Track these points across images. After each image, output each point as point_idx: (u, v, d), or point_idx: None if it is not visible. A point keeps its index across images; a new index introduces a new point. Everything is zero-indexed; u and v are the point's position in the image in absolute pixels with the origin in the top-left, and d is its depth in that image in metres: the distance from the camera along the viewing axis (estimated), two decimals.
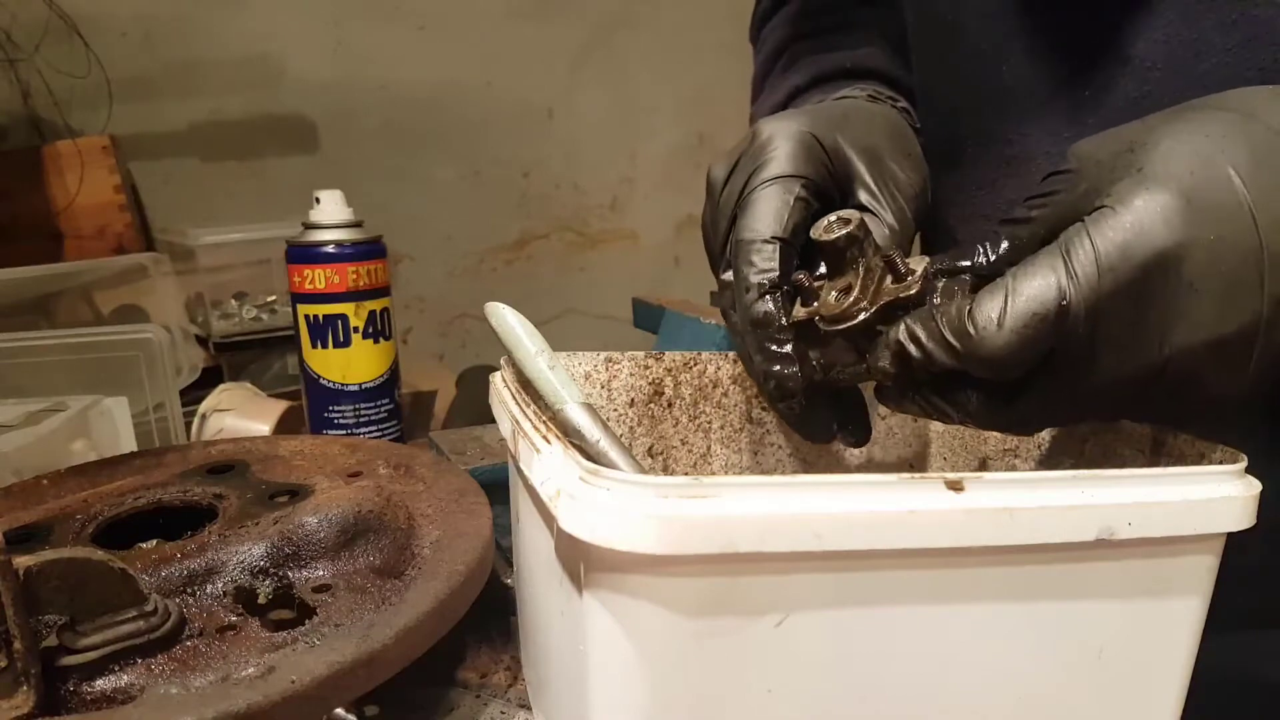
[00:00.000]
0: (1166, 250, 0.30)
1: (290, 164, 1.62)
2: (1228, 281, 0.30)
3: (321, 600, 0.43)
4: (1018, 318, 0.32)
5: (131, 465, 0.59)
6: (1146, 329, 0.31)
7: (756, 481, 0.29)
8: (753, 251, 0.41)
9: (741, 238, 0.41)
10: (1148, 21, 0.43)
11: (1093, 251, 0.31)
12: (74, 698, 0.37)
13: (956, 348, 0.33)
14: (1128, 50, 0.43)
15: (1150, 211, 0.31)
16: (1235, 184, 0.31)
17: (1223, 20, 0.41)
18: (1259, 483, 0.32)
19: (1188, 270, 0.30)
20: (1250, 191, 0.31)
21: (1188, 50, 0.42)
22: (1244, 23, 0.40)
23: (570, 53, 1.81)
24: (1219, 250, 0.30)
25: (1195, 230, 0.30)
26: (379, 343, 0.79)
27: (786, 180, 0.42)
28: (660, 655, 0.31)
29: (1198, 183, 0.31)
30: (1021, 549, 0.31)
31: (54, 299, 1.05)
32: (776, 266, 0.40)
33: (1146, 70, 0.43)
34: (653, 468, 0.51)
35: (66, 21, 1.41)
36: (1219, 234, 0.30)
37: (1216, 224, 0.31)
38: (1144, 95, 0.43)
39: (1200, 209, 0.31)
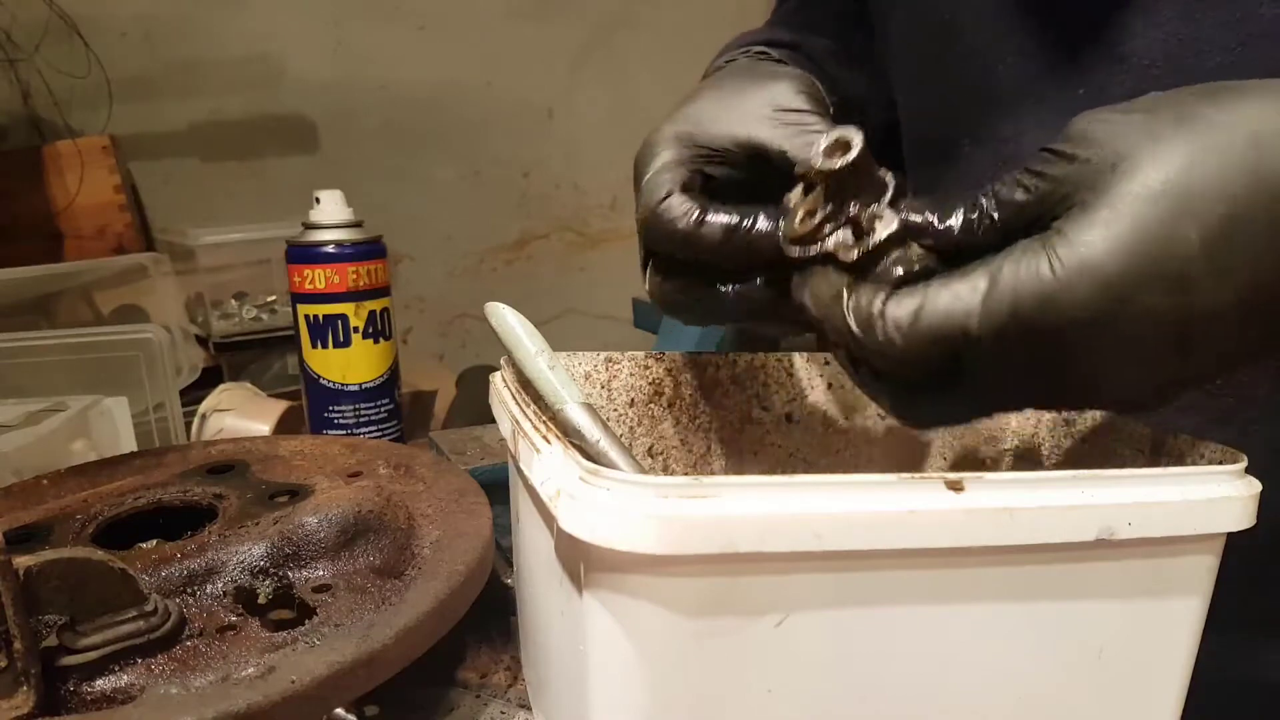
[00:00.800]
0: (1082, 321, 0.28)
1: (290, 164, 1.62)
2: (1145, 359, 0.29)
3: (321, 600, 0.43)
4: (920, 331, 0.30)
5: (131, 465, 0.59)
6: (1051, 374, 0.30)
7: (756, 481, 0.29)
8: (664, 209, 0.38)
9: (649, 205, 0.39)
10: (1146, 20, 0.43)
11: (1012, 290, 0.29)
12: (74, 698, 0.37)
13: (857, 335, 0.32)
14: (1126, 49, 0.43)
15: (1089, 268, 0.28)
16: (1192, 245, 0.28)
17: (1224, 19, 0.41)
18: (1259, 483, 0.32)
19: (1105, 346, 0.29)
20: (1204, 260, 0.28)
21: (1188, 49, 0.42)
22: (1246, 21, 0.40)
23: (570, 53, 1.82)
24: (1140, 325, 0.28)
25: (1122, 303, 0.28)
26: (379, 343, 0.79)
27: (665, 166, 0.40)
28: (660, 655, 0.31)
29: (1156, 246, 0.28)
30: (1021, 549, 0.31)
31: (54, 299, 1.05)
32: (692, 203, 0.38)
33: (1145, 69, 0.43)
34: (653, 468, 0.51)
35: (66, 21, 1.41)
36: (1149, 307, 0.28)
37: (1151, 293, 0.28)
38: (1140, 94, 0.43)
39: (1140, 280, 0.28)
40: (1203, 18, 0.41)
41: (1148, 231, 0.28)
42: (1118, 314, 0.28)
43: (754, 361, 0.52)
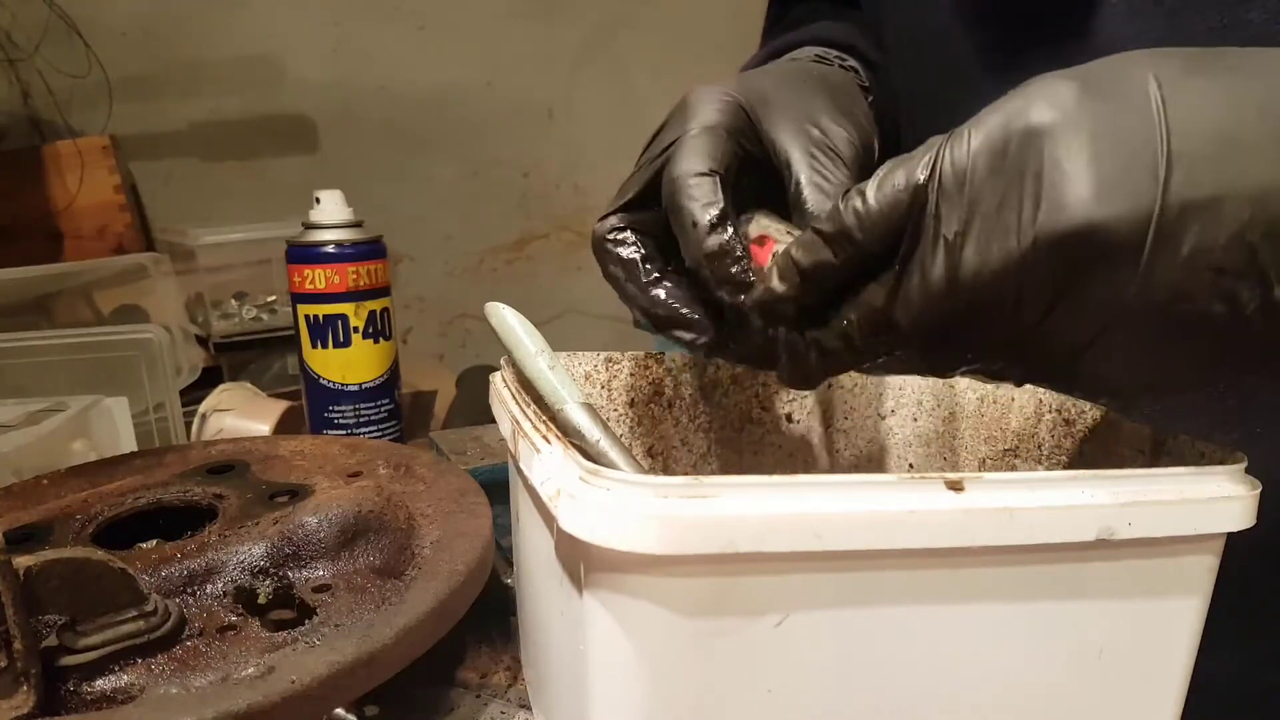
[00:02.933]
0: (1041, 126, 0.28)
1: (290, 164, 1.62)
2: (1107, 165, 0.27)
3: (321, 600, 0.43)
4: (881, 190, 0.30)
5: (131, 465, 0.59)
6: (1013, 209, 0.28)
7: (756, 481, 0.29)
8: (691, 185, 0.38)
9: (675, 174, 0.39)
10: (1133, 26, 0.43)
11: (968, 131, 0.29)
12: (74, 698, 0.37)
13: (826, 230, 0.31)
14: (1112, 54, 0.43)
15: (1039, 93, 0.29)
16: (1149, 84, 0.28)
17: (1211, 26, 0.40)
18: (1259, 482, 0.32)
19: (1060, 147, 0.28)
20: (1166, 93, 0.28)
21: None
22: (1232, 29, 0.40)
23: (570, 53, 1.82)
24: (1103, 134, 0.28)
25: (1080, 112, 0.28)
26: (379, 343, 0.79)
27: (713, 128, 0.40)
28: (660, 655, 0.31)
29: (1105, 77, 0.29)
30: (1021, 549, 0.31)
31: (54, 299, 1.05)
32: (720, 198, 0.38)
33: None
34: (653, 468, 0.51)
35: (66, 21, 1.41)
36: (1108, 119, 0.28)
37: (1108, 109, 0.28)
38: None
39: (1094, 95, 0.28)
40: (1188, 25, 0.41)
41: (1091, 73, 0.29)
42: (1076, 119, 0.28)
43: None
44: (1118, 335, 0.29)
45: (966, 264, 0.29)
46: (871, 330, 0.32)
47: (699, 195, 0.38)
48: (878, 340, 0.32)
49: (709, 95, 0.42)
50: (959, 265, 0.29)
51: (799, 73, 0.47)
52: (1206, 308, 0.28)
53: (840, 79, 0.49)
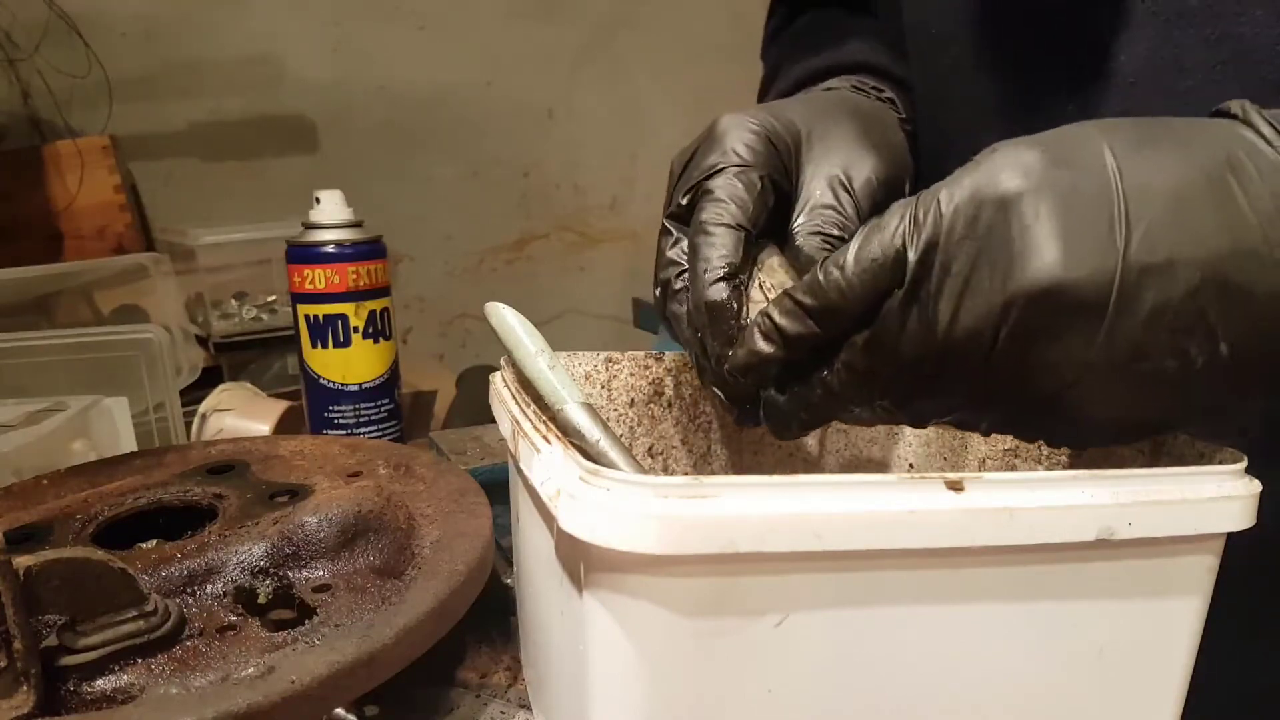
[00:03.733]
0: (1009, 193, 0.30)
1: (290, 164, 1.62)
2: (1072, 230, 0.29)
3: (321, 600, 0.43)
4: (859, 261, 0.32)
5: (131, 465, 0.59)
6: (985, 272, 0.30)
7: (756, 481, 0.29)
8: (717, 235, 0.40)
9: (706, 219, 0.40)
10: (1130, 37, 0.43)
11: (937, 196, 0.31)
12: (74, 698, 0.37)
13: (808, 303, 0.33)
14: (1111, 65, 0.43)
15: (1005, 161, 0.31)
16: (1105, 153, 0.30)
17: (1204, 38, 0.41)
18: (1259, 482, 0.32)
19: (1028, 213, 0.30)
20: (1122, 162, 0.30)
21: (1169, 67, 0.42)
22: (1226, 41, 0.40)
23: (570, 53, 1.82)
24: (1067, 200, 0.30)
25: (1045, 178, 0.30)
26: (379, 343, 0.79)
27: (748, 170, 0.41)
28: (660, 655, 0.31)
29: (1065, 145, 0.31)
30: (1021, 549, 0.31)
31: (54, 299, 1.05)
32: (739, 255, 0.40)
33: (1130, 86, 0.43)
34: (653, 468, 0.51)
35: (66, 21, 1.41)
36: (1071, 185, 0.30)
37: (1070, 176, 0.30)
38: (1127, 111, 0.43)
39: (1057, 162, 0.30)
40: (1182, 37, 0.41)
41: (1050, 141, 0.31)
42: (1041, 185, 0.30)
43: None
44: (1082, 389, 0.31)
45: (942, 321, 0.31)
46: (852, 385, 0.34)
47: (719, 246, 0.39)
48: (858, 393, 0.34)
49: (740, 124, 0.43)
50: (935, 323, 0.31)
51: (834, 104, 0.48)
52: (1161, 364, 0.30)
53: (875, 111, 0.50)
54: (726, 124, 0.43)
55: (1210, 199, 0.30)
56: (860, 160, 0.43)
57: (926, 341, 0.31)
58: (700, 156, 0.42)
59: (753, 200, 0.40)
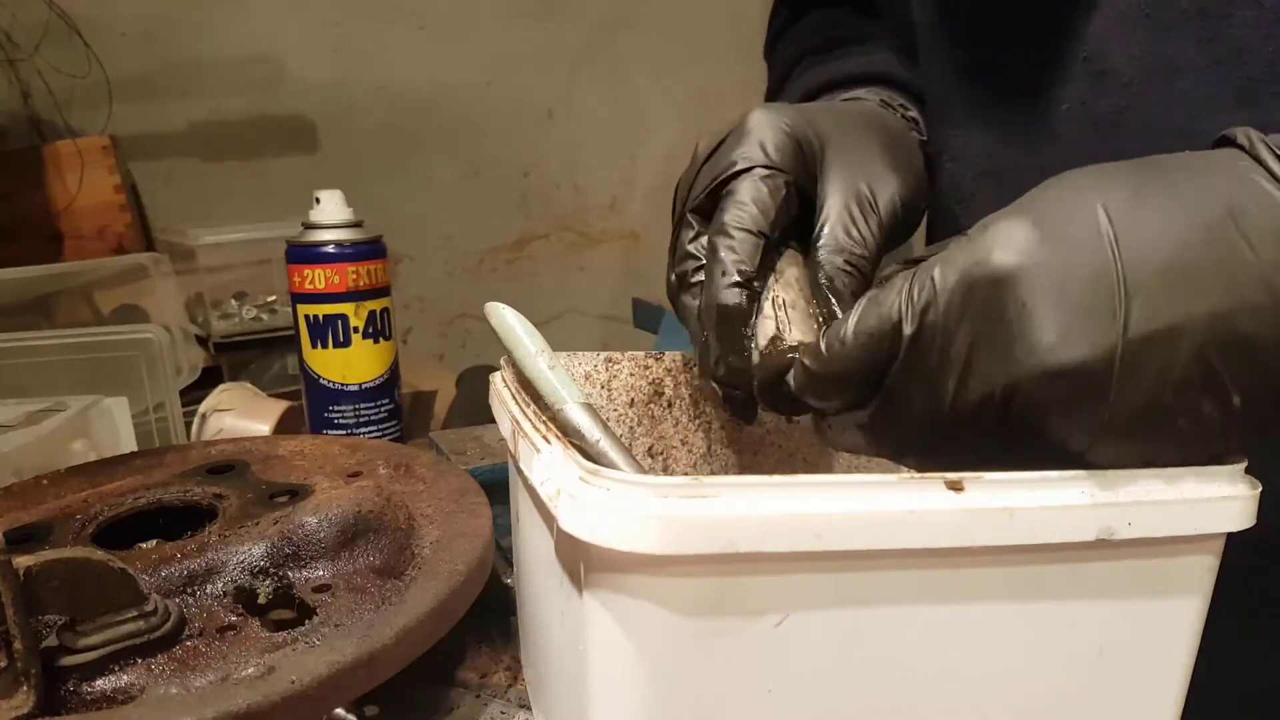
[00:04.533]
0: (1003, 272, 0.30)
1: (290, 164, 1.62)
2: (1070, 308, 0.29)
3: (321, 600, 0.43)
4: (857, 335, 0.33)
5: (131, 465, 0.59)
6: (985, 353, 0.30)
7: (756, 481, 0.29)
8: (736, 240, 0.40)
9: (728, 221, 0.40)
10: (1124, 38, 0.43)
11: (931, 273, 0.31)
12: (74, 698, 0.37)
13: (814, 369, 0.34)
14: (1105, 66, 0.44)
15: (998, 236, 0.30)
16: (1099, 217, 0.30)
17: (1198, 38, 0.41)
18: (1259, 482, 0.32)
19: (1024, 292, 0.30)
20: (1117, 226, 0.30)
21: (1163, 67, 0.42)
22: (1220, 40, 0.40)
23: (570, 53, 1.82)
24: (1063, 277, 0.29)
25: (1039, 255, 0.30)
26: (379, 343, 0.79)
27: (774, 173, 0.41)
28: (660, 655, 0.31)
29: (1057, 213, 0.30)
30: (1021, 549, 0.31)
31: (54, 299, 1.05)
32: (756, 261, 0.40)
33: (1124, 86, 0.43)
34: (653, 468, 0.51)
35: (66, 21, 1.41)
36: (1066, 261, 0.30)
37: (1065, 251, 0.30)
38: (1122, 110, 0.43)
39: (1051, 236, 0.30)
40: (1175, 37, 0.41)
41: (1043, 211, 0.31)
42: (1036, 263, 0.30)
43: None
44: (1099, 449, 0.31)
45: (947, 397, 0.31)
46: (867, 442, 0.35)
47: (737, 250, 0.40)
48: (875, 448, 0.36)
49: (772, 124, 0.42)
50: (941, 398, 0.31)
51: (863, 117, 0.48)
52: (1174, 422, 0.30)
53: (900, 131, 0.50)
54: (758, 120, 0.42)
55: (1211, 254, 0.29)
56: (884, 179, 0.43)
57: (935, 412, 0.32)
58: (728, 149, 0.42)
59: (775, 206, 0.40)
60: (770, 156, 0.41)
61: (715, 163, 0.42)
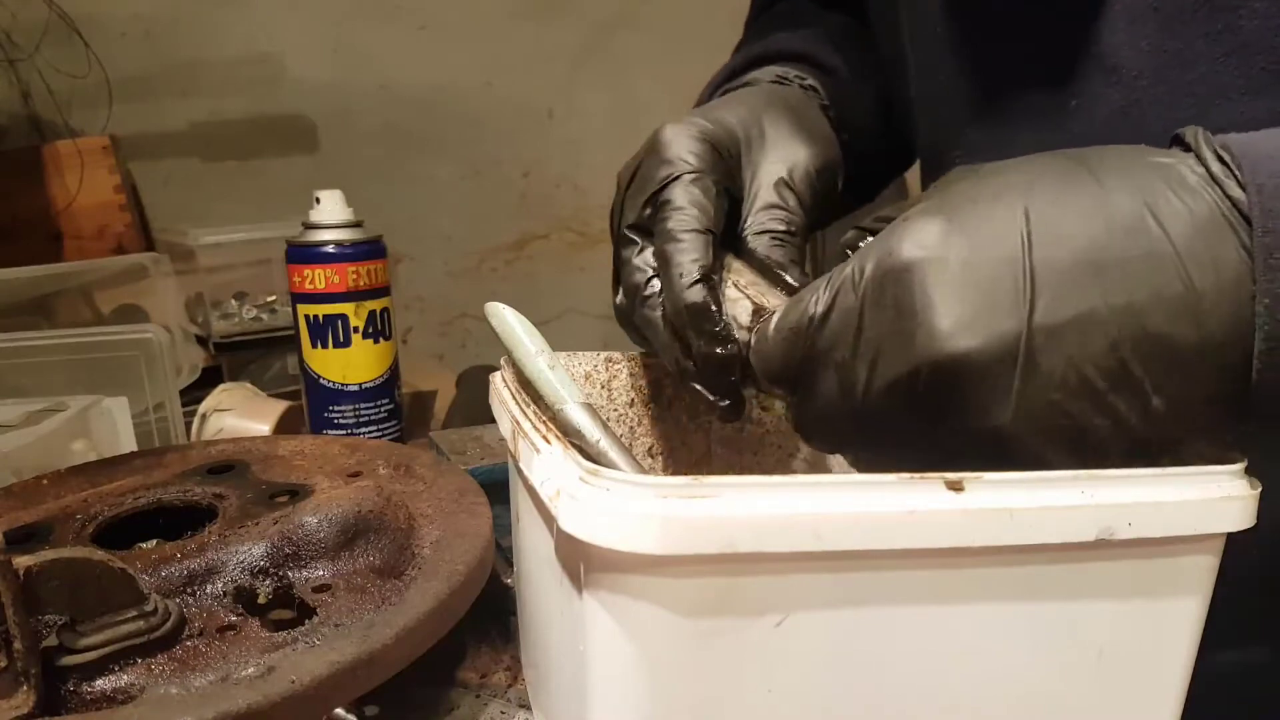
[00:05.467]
0: (908, 262, 0.31)
1: (290, 164, 1.62)
2: (971, 298, 0.30)
3: (321, 600, 0.43)
4: (778, 330, 0.35)
5: (131, 465, 0.59)
6: (891, 341, 0.31)
7: (756, 481, 0.29)
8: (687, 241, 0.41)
9: (673, 227, 0.41)
10: (1133, 32, 0.43)
11: (848, 267, 0.33)
12: (74, 698, 0.37)
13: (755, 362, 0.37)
14: (1113, 60, 0.43)
15: (910, 230, 0.31)
16: (1017, 217, 0.30)
17: (1208, 30, 0.41)
18: (1259, 483, 0.32)
19: (929, 282, 0.30)
20: (1034, 225, 0.30)
21: (1173, 60, 0.42)
22: (1230, 33, 0.40)
23: (570, 53, 1.81)
24: (970, 268, 0.30)
25: (947, 248, 0.31)
26: (379, 343, 0.79)
27: (702, 176, 0.42)
28: (660, 655, 0.31)
29: (973, 210, 0.31)
30: (1021, 549, 0.31)
31: (54, 299, 1.05)
32: (710, 257, 0.41)
33: (1133, 79, 0.43)
34: (653, 468, 0.51)
35: (66, 21, 1.41)
36: (974, 254, 0.30)
37: (975, 245, 0.30)
38: (1130, 104, 0.43)
39: (963, 230, 0.31)
40: (1185, 30, 0.41)
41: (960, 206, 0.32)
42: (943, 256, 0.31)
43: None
44: (1012, 445, 0.31)
45: (859, 385, 0.32)
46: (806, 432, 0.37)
47: (690, 251, 0.40)
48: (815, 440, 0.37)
49: (684, 133, 0.44)
50: (854, 386, 0.33)
51: (765, 101, 0.49)
52: (1088, 421, 0.31)
53: (801, 101, 0.52)
54: (670, 134, 0.44)
55: (1129, 248, 0.30)
56: (797, 154, 0.45)
57: (851, 400, 0.33)
58: (649, 168, 0.43)
59: (713, 205, 0.42)
60: (691, 163, 0.42)
61: (643, 180, 0.43)
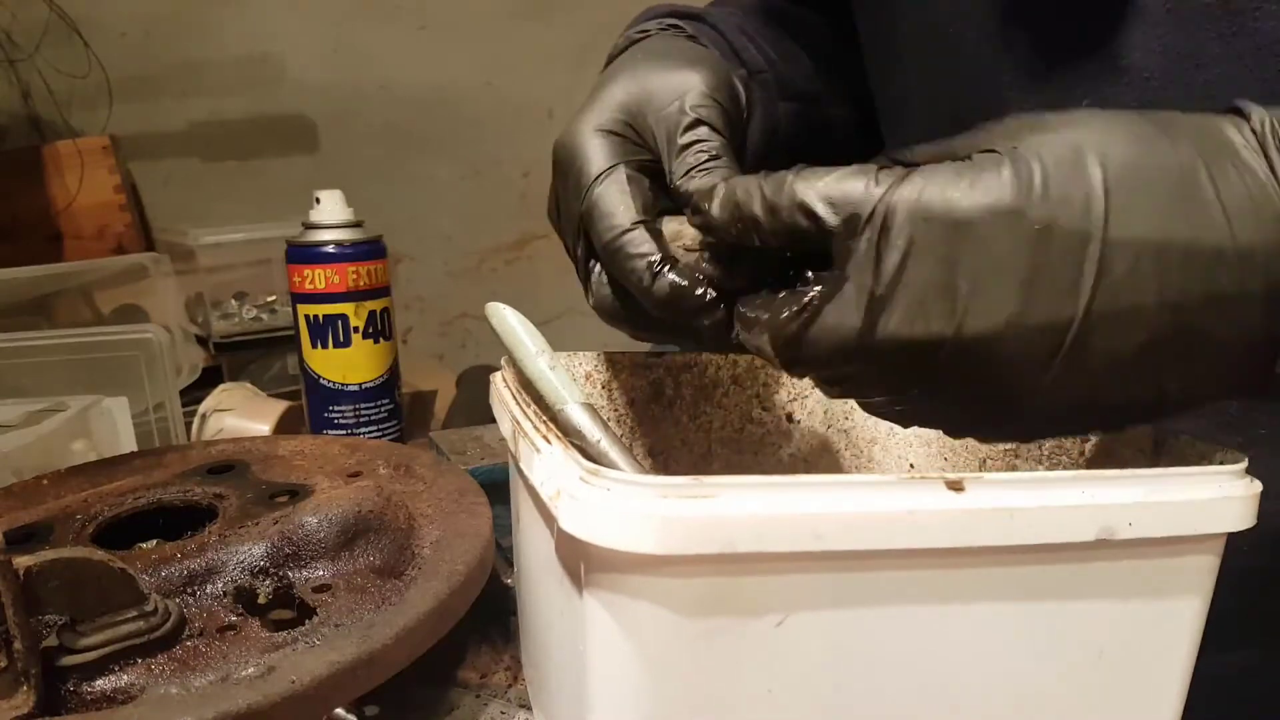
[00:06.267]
0: (976, 219, 0.28)
1: (290, 164, 1.62)
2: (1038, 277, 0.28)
3: (321, 600, 0.43)
4: (826, 188, 0.30)
5: (131, 465, 0.59)
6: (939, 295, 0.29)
7: (756, 481, 0.29)
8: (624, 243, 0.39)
9: (605, 238, 0.39)
10: (1146, 32, 0.43)
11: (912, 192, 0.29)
12: (74, 698, 0.37)
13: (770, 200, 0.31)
14: (1126, 61, 0.43)
15: (981, 178, 0.29)
16: (1095, 182, 0.28)
17: (1222, 32, 0.41)
18: (1259, 483, 0.32)
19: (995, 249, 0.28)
20: (1111, 192, 0.28)
21: (1187, 61, 0.42)
22: (1244, 34, 0.40)
23: (570, 53, 1.81)
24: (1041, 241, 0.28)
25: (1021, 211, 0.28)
26: (379, 343, 0.79)
27: (609, 173, 0.41)
28: (660, 655, 0.31)
29: (1051, 170, 0.29)
30: (1022, 549, 0.31)
31: (54, 299, 1.05)
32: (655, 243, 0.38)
33: (1145, 81, 0.43)
34: (653, 468, 0.51)
35: (66, 21, 1.41)
36: (1048, 224, 0.28)
37: (1050, 212, 0.28)
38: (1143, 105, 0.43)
39: (1040, 193, 0.28)
40: (1199, 31, 0.41)
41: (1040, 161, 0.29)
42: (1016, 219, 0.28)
43: (754, 361, 0.52)
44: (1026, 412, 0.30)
45: (884, 328, 0.29)
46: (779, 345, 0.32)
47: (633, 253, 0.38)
48: None
49: (579, 137, 0.43)
50: (875, 326, 0.30)
51: (629, 62, 0.49)
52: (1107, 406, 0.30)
53: (664, 43, 0.51)
54: (564, 151, 0.43)
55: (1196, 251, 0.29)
56: (687, 83, 0.43)
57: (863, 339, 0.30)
58: (563, 198, 0.43)
59: (634, 191, 0.40)
60: (597, 163, 0.41)
61: (565, 214, 0.43)
